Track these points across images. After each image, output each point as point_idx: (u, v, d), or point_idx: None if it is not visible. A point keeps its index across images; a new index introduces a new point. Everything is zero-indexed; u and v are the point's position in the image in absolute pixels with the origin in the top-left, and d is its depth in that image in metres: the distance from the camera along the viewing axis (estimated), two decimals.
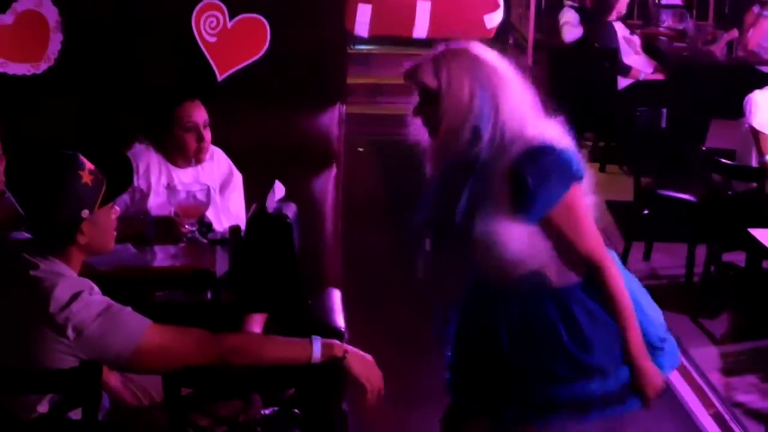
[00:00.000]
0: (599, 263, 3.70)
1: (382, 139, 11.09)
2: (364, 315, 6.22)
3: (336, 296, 5.74)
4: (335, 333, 4.82)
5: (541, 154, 3.51)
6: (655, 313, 4.12)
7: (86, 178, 3.92)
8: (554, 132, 3.64)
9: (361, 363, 4.00)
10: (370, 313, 6.94)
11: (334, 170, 6.46)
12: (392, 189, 10.00)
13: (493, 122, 3.59)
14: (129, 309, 3.93)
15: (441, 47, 3.81)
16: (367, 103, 11.45)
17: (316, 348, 3.98)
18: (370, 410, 4.03)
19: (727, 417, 6.51)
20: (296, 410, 4.13)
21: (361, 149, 10.70)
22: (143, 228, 5.36)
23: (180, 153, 5.83)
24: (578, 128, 10.49)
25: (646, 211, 8.76)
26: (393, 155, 10.75)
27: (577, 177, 3.57)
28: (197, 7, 6.26)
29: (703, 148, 8.97)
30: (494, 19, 12.40)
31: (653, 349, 3.94)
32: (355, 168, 9.63)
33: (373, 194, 9.78)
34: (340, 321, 5.31)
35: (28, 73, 6.16)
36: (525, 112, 3.68)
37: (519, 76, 3.79)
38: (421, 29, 12.17)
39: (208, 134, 5.77)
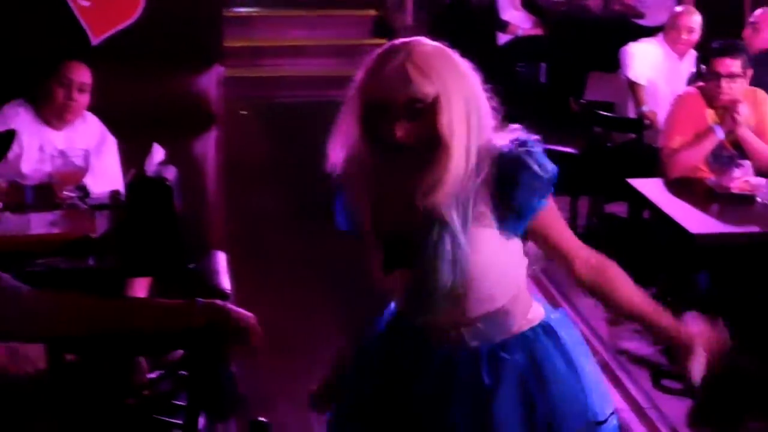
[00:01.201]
0: (592, 257, 3.21)
1: (266, 102, 11.06)
2: (251, 277, 6.14)
3: (221, 258, 5.71)
4: (220, 295, 4.76)
5: (522, 157, 2.94)
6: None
7: None
8: (521, 135, 3.03)
9: (243, 321, 3.97)
10: (257, 275, 6.88)
11: (214, 132, 6.41)
12: (277, 151, 9.96)
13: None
14: (8, 276, 3.87)
15: (388, 50, 2.90)
16: (250, 65, 11.38)
17: (199, 310, 3.94)
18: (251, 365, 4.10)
19: (612, 364, 6.54)
20: (183, 372, 4.06)
21: (244, 112, 10.60)
22: (20, 195, 5.28)
23: (51, 109, 5.70)
24: None
25: None
26: (277, 117, 10.76)
27: (554, 179, 3.02)
28: None
29: (582, 101, 9.00)
30: None
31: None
32: (238, 131, 9.59)
33: (258, 157, 9.71)
34: (225, 283, 5.26)
35: None
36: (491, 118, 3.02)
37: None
38: None
39: (83, 97, 5.71)
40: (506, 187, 2.92)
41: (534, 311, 3.27)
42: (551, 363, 3.14)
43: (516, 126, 3.06)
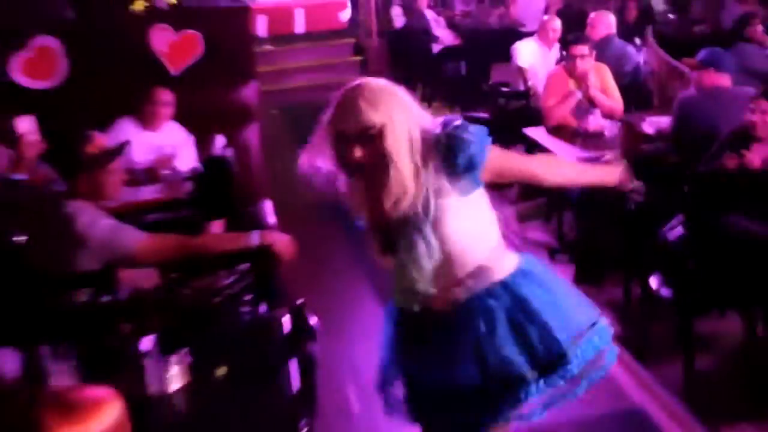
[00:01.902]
0: (544, 156, 3.12)
1: (283, 104, 11.07)
2: (287, 218, 6.15)
3: (268, 204, 5.73)
4: (266, 227, 4.82)
5: (450, 130, 2.74)
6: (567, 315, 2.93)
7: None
8: (444, 118, 2.86)
9: (283, 241, 4.06)
10: (291, 217, 6.91)
11: (255, 125, 6.45)
12: (296, 135, 9.94)
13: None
14: (129, 226, 3.94)
15: (354, 84, 2.75)
16: (272, 82, 11.35)
17: (255, 238, 4.02)
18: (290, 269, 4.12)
19: (522, 249, 6.50)
20: (250, 279, 4.12)
21: (274, 111, 10.61)
22: (134, 176, 5.34)
23: (147, 119, 5.74)
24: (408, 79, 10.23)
25: None
26: (291, 113, 10.76)
27: (483, 132, 2.81)
28: (152, 28, 6.13)
29: (490, 84, 9.09)
30: (345, 15, 12.56)
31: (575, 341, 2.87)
32: (270, 123, 9.65)
33: (284, 140, 9.71)
34: (270, 219, 5.32)
35: (46, 87, 5.99)
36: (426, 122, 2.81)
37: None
38: (300, 27, 12.27)
39: (167, 110, 5.77)
40: (450, 156, 2.70)
41: (509, 259, 2.99)
42: (533, 297, 2.86)
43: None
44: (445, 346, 2.89)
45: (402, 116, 2.68)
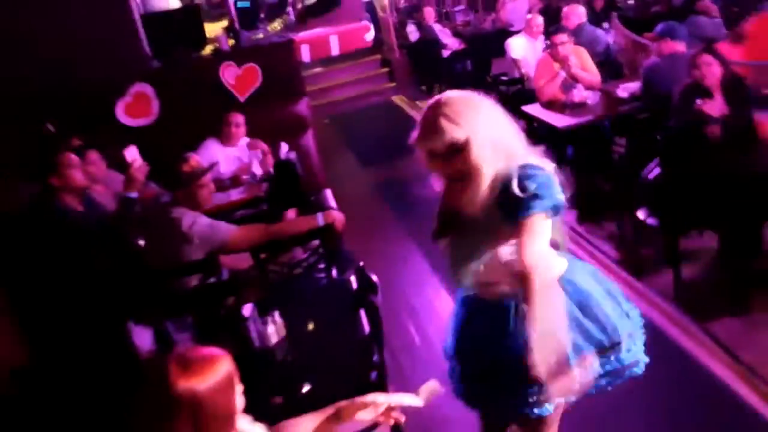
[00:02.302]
0: (528, 270, 2.25)
1: (334, 115, 11.01)
2: (345, 202, 6.13)
3: (328, 192, 5.74)
4: (328, 209, 4.79)
5: (533, 169, 2.32)
6: (609, 316, 2.57)
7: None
8: (542, 162, 2.39)
9: (339, 217, 4.08)
10: (348, 201, 6.90)
11: (310, 132, 6.46)
12: (345, 138, 9.92)
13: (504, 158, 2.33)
14: (223, 222, 3.98)
15: (435, 102, 2.35)
16: (319, 98, 11.32)
17: (320, 219, 4.04)
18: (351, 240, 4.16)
19: None
20: (321, 251, 4.12)
21: (326, 121, 10.59)
22: (222, 183, 5.38)
23: (226, 138, 5.72)
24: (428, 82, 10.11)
25: None
26: (341, 121, 10.72)
27: (556, 203, 2.34)
28: (221, 66, 6.14)
29: (491, 75, 8.97)
30: (369, 36, 12.51)
31: (603, 351, 2.53)
32: (323, 130, 9.62)
33: (336, 142, 9.69)
34: (331, 203, 5.31)
35: (145, 124, 6.04)
36: (518, 145, 2.38)
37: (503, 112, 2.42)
38: (335, 50, 12.27)
39: (240, 130, 5.77)
40: (500, 199, 2.30)
41: (557, 266, 2.58)
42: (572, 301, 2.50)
43: (535, 150, 2.42)
44: (496, 329, 2.54)
45: (486, 126, 2.28)
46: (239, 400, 1.92)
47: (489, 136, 2.26)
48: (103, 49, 5.89)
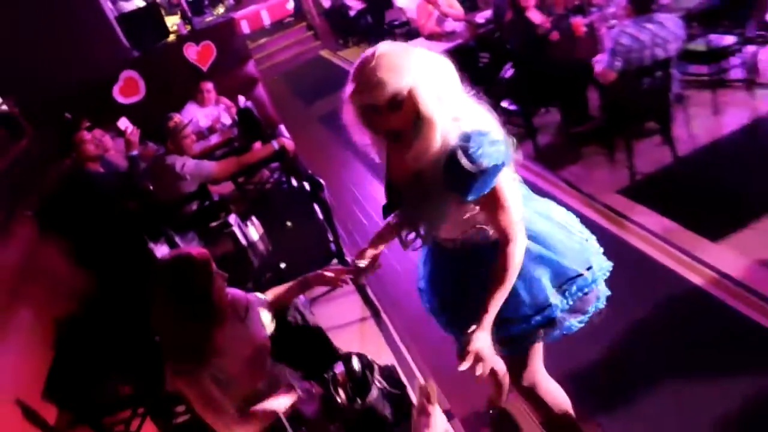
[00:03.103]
0: (508, 241, 1.66)
1: (280, 73, 10.63)
2: (296, 133, 5.98)
3: (282, 127, 5.55)
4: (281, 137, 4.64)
5: (480, 136, 1.56)
6: (571, 249, 1.84)
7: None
8: (484, 118, 1.62)
9: (288, 142, 3.99)
10: (298, 132, 6.74)
11: (260, 86, 6.21)
12: (291, 88, 9.62)
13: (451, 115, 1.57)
14: (206, 160, 3.85)
15: (369, 55, 1.51)
16: (269, 61, 10.90)
17: (275, 145, 3.97)
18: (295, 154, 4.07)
19: None
20: (281, 169, 4.02)
21: (276, 78, 10.23)
22: (202, 135, 5.19)
23: (200, 101, 5.47)
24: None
25: None
26: (287, 77, 10.36)
27: (506, 162, 1.60)
28: (184, 47, 5.83)
29: (386, 23, 8.61)
30: (290, 5, 11.96)
31: (559, 288, 1.80)
32: (275, 85, 9.31)
33: (286, 92, 9.38)
34: (285, 134, 5.15)
35: (137, 101, 5.73)
36: (462, 101, 1.60)
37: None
38: (267, 21, 11.75)
39: (211, 95, 5.50)
40: (449, 178, 1.58)
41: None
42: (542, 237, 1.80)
43: (481, 104, 1.64)
44: (455, 273, 1.89)
45: (427, 75, 1.51)
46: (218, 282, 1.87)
47: (432, 86, 1.52)
48: (95, 49, 5.56)
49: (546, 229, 1.83)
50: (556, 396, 2.11)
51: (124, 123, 4.67)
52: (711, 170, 3.74)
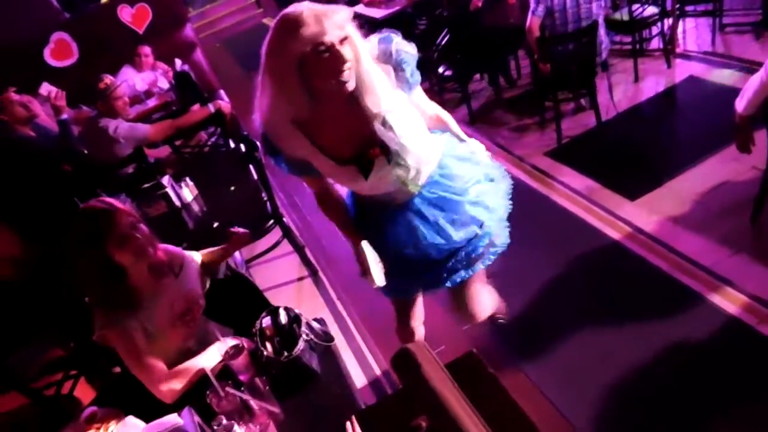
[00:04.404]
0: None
1: (222, 39, 10.23)
2: (236, 98, 5.78)
3: (221, 92, 5.32)
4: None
5: (397, 44, 1.57)
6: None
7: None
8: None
9: (224, 105, 3.84)
10: (238, 97, 6.50)
11: (198, 50, 5.92)
12: (232, 54, 9.27)
13: None
14: (140, 123, 3.65)
15: (293, 15, 1.39)
16: (211, 29, 10.47)
17: (210, 107, 3.83)
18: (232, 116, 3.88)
19: None
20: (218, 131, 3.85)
21: (217, 45, 9.84)
22: (138, 99, 4.91)
23: (138, 65, 5.18)
24: None
25: None
26: (229, 43, 9.98)
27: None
28: (118, 9, 5.47)
29: None
30: None
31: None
32: (216, 52, 8.96)
33: (227, 58, 9.03)
34: (224, 98, 4.92)
35: (70, 63, 5.38)
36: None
37: None
38: None
39: (149, 59, 5.19)
40: (397, 67, 1.55)
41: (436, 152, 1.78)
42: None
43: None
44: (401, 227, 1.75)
45: (351, 26, 1.44)
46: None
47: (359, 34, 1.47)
48: (22, 11, 5.17)
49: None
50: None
51: (46, 88, 4.35)
52: (630, 134, 3.82)
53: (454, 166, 1.80)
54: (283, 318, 1.65)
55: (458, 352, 1.42)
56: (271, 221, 3.04)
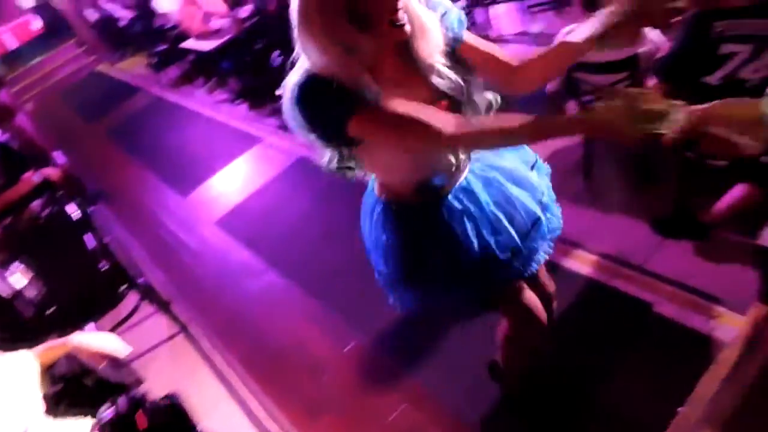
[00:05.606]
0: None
1: (59, 92, 9.27)
2: (80, 153, 5.24)
3: (57, 153, 4.76)
4: (60, 165, 3.96)
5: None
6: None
7: None
8: None
9: (52, 172, 3.37)
10: (83, 151, 5.95)
11: (21, 114, 5.26)
12: (74, 109, 8.43)
13: None
14: None
15: None
16: (44, 83, 9.71)
17: (36, 177, 3.33)
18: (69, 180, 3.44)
19: None
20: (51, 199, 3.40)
21: (53, 99, 8.93)
22: None
23: None
24: None
25: None
26: (64, 98, 9.05)
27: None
28: None
29: (155, 27, 7.76)
30: (36, 24, 10.43)
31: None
32: (59, 105, 8.13)
33: (69, 110, 8.19)
34: (61, 160, 4.41)
35: None
36: None
37: None
38: (12, 44, 10.30)
39: None
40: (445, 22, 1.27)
41: None
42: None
43: None
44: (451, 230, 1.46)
45: None
46: None
47: None
48: None
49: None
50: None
51: None
52: None
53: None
54: (122, 405, 1.43)
55: None
56: (125, 286, 2.72)
